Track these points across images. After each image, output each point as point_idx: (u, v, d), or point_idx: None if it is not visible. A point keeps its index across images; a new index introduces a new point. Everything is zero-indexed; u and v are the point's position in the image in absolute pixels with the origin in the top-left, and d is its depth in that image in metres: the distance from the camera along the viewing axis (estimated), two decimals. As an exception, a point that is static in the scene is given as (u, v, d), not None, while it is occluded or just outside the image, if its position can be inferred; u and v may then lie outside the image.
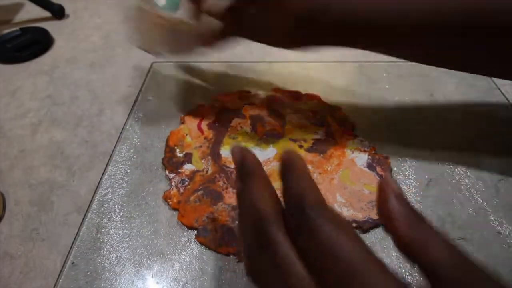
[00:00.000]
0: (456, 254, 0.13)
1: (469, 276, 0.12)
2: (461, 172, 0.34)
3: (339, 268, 0.13)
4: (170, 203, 0.32)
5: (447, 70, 0.34)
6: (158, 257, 0.29)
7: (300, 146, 0.36)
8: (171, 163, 0.35)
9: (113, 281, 0.28)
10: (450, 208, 0.32)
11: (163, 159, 0.36)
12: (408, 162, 0.35)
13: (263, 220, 0.16)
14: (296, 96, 0.42)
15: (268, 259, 0.15)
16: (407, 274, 0.27)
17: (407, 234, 0.14)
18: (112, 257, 0.29)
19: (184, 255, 0.29)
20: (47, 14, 0.61)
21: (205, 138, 0.38)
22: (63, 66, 0.51)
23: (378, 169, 0.34)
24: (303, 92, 0.43)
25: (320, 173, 0.34)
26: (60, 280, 0.28)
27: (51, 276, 0.28)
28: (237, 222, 0.30)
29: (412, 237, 0.14)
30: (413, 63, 0.48)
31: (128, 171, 0.35)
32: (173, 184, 0.33)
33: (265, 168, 0.34)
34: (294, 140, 0.37)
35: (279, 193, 0.18)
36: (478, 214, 0.31)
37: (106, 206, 0.33)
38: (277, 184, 0.17)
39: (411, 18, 0.27)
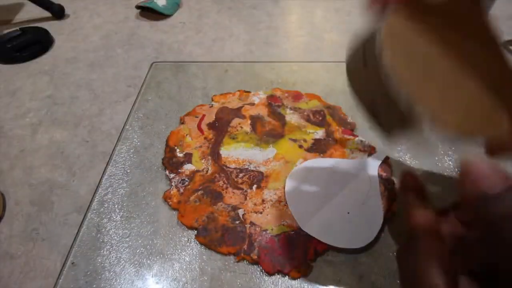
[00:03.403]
0: None
1: None
2: (461, 172, 0.34)
3: None
4: (170, 203, 0.32)
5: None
6: (158, 257, 0.29)
7: (300, 146, 0.36)
8: (171, 163, 0.35)
9: (113, 281, 0.28)
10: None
11: (163, 159, 0.36)
12: (408, 162, 0.35)
13: None
14: (296, 96, 0.42)
15: None
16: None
17: None
18: (112, 257, 0.29)
19: (184, 255, 0.29)
20: (47, 14, 0.61)
21: (205, 138, 0.38)
22: (63, 66, 0.51)
23: (378, 169, 0.34)
24: (303, 92, 0.43)
25: (320, 173, 0.34)
26: (60, 280, 0.28)
27: (51, 276, 0.28)
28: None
29: None
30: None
31: (128, 171, 0.35)
32: (173, 184, 0.34)
33: (265, 168, 0.34)
34: (294, 140, 0.37)
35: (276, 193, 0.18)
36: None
37: (106, 206, 0.33)
38: (276, 184, 0.17)
39: None
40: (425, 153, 0.34)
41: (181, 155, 0.36)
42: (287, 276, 0.27)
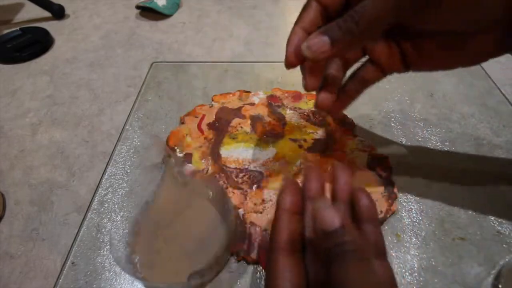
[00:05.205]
0: None
1: None
2: (461, 171, 0.34)
3: None
4: (170, 203, 0.32)
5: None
6: (158, 257, 0.29)
7: (300, 146, 0.36)
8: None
9: (113, 281, 0.28)
10: (450, 208, 0.32)
11: (163, 159, 0.36)
12: (408, 161, 0.35)
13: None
14: (296, 96, 0.42)
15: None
16: (407, 274, 0.27)
17: None
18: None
19: (184, 255, 0.29)
20: (47, 14, 0.61)
21: (205, 138, 0.38)
22: (63, 66, 0.51)
23: (378, 169, 0.34)
24: (303, 92, 0.43)
25: (320, 173, 0.34)
26: (60, 280, 0.28)
27: (51, 276, 0.28)
28: None
29: None
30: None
31: (128, 171, 0.35)
32: (173, 184, 0.33)
33: (264, 168, 0.34)
34: (294, 140, 0.37)
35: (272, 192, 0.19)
36: (478, 214, 0.31)
37: (106, 206, 0.33)
38: (276, 184, 0.17)
39: None
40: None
41: (181, 155, 0.36)
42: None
